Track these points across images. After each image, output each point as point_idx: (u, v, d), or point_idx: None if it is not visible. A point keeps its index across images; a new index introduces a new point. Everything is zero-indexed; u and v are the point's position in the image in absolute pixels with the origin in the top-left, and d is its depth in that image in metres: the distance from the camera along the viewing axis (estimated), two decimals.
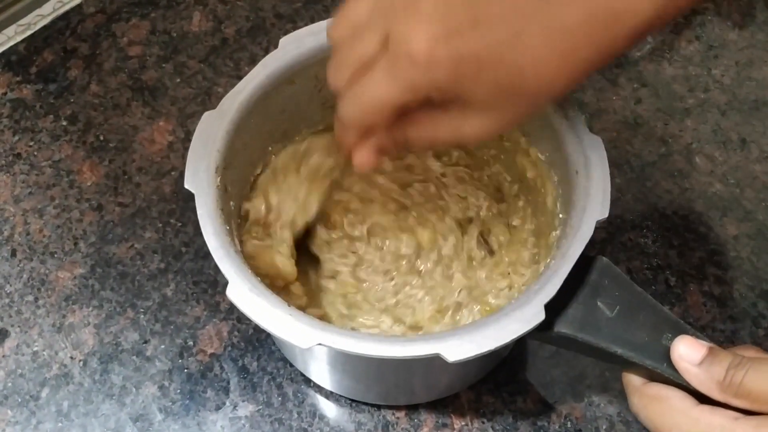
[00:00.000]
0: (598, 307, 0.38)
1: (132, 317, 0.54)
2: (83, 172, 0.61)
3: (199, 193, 0.42)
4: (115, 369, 0.53)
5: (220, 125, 0.44)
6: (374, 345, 0.37)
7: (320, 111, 0.52)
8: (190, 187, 0.42)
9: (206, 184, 0.42)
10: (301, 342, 0.37)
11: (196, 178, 0.42)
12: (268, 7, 0.69)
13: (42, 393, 0.52)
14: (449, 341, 0.37)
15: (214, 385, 0.52)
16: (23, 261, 0.57)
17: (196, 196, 0.42)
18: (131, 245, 0.57)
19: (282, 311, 0.38)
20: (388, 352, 0.36)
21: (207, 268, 0.56)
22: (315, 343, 0.37)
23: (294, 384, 0.52)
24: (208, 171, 0.43)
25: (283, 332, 0.37)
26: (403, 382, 0.48)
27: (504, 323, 0.37)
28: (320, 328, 0.37)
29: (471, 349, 0.36)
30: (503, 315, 0.37)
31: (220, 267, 0.40)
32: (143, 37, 0.67)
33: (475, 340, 0.36)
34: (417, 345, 0.37)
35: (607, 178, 0.42)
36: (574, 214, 0.41)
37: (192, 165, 0.43)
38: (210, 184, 0.42)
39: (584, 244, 0.39)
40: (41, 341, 0.54)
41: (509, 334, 0.37)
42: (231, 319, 0.54)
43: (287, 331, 0.37)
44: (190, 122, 0.63)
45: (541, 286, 0.38)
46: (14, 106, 0.64)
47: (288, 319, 0.38)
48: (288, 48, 0.47)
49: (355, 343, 0.37)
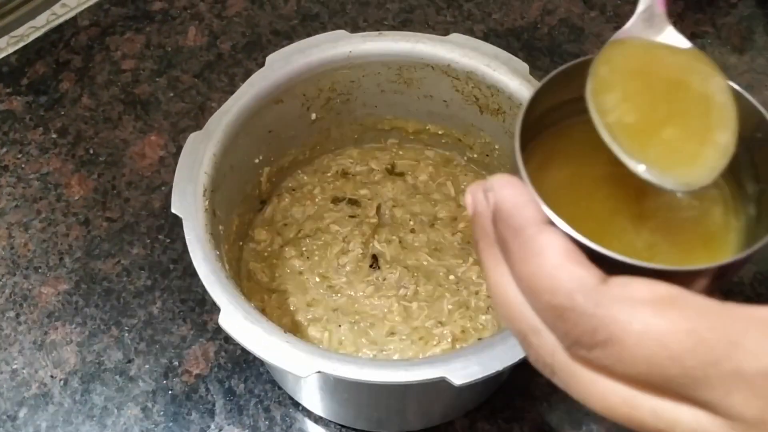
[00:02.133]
0: None
1: (116, 335, 0.53)
2: (71, 185, 0.59)
3: (187, 217, 0.41)
4: (97, 389, 0.51)
5: (207, 147, 0.43)
6: (376, 371, 0.35)
7: (309, 130, 0.51)
8: (177, 211, 0.41)
9: (194, 208, 0.41)
10: (300, 371, 0.35)
11: (184, 202, 0.41)
12: (265, 23, 0.68)
13: (20, 413, 0.50)
14: (454, 363, 0.35)
15: (199, 408, 0.50)
16: (6, 276, 0.55)
17: (183, 220, 0.41)
18: (118, 261, 0.56)
19: (278, 338, 0.36)
20: (391, 377, 0.35)
21: (195, 286, 0.54)
22: (314, 371, 0.35)
23: (282, 407, 0.50)
24: (196, 194, 0.41)
25: (280, 361, 0.36)
26: (397, 409, 0.46)
27: (510, 343, 0.36)
28: (319, 354, 0.36)
29: (477, 371, 0.35)
30: (509, 335, 0.36)
31: (211, 294, 0.38)
32: (137, 51, 0.66)
33: (481, 362, 0.35)
34: (421, 369, 0.35)
35: None
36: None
37: (179, 188, 0.42)
38: (198, 208, 0.41)
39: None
40: (21, 359, 0.52)
41: (516, 354, 0.35)
42: (218, 339, 0.52)
43: (285, 360, 0.36)
44: (182, 137, 0.61)
45: None
46: (3, 118, 0.63)
47: (285, 347, 0.36)
48: (275, 66, 0.46)
49: (356, 370, 0.35)
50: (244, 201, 0.49)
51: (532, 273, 0.24)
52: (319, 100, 0.50)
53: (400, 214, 0.52)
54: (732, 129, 0.27)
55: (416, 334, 0.47)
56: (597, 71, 0.28)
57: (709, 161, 0.27)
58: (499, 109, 0.48)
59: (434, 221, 0.51)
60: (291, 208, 0.52)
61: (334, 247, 0.50)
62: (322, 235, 0.51)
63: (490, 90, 0.47)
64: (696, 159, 0.27)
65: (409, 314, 0.48)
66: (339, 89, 0.50)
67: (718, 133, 0.27)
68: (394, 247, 0.50)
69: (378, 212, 0.52)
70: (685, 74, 0.29)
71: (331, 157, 0.54)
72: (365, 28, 0.67)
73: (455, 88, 0.49)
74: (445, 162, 0.54)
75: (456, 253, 0.50)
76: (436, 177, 0.53)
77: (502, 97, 0.47)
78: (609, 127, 0.27)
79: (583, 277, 0.24)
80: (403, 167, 0.54)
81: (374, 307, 0.48)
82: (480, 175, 0.53)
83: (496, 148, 0.51)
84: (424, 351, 0.46)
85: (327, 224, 0.51)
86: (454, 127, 0.52)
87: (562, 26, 0.67)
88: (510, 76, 0.46)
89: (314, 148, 0.53)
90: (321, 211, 0.52)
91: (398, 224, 0.51)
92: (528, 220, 0.25)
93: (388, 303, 0.48)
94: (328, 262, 0.49)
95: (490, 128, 0.50)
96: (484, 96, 0.48)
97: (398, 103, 0.52)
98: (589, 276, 0.24)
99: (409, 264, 0.49)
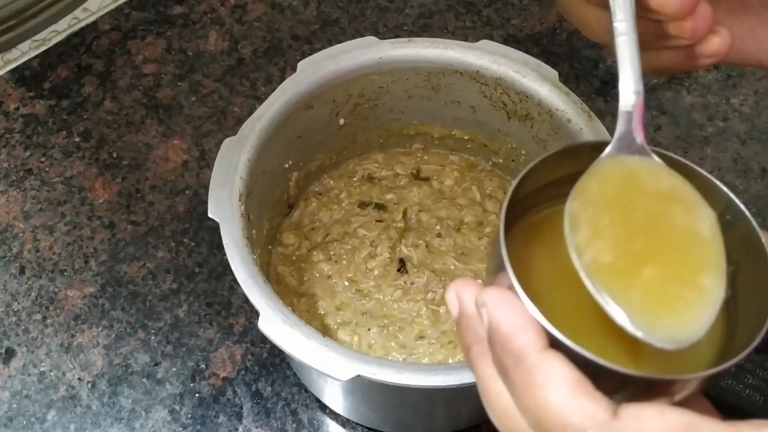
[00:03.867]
0: None
1: (143, 338, 0.53)
2: (95, 189, 0.60)
3: (224, 221, 0.41)
4: (125, 392, 0.51)
5: (242, 152, 0.43)
6: (415, 375, 0.36)
7: (336, 135, 0.51)
8: (214, 215, 0.41)
9: (231, 213, 0.41)
10: (340, 374, 0.36)
11: (220, 207, 0.41)
12: (285, 28, 0.68)
13: (48, 415, 0.50)
14: None
15: (226, 410, 0.50)
16: (32, 278, 0.55)
17: (221, 225, 0.41)
18: (143, 264, 0.56)
19: (317, 342, 0.37)
20: (429, 381, 0.35)
21: (220, 290, 0.55)
22: (354, 374, 0.35)
23: (309, 410, 0.50)
24: (232, 199, 0.42)
25: (320, 365, 0.36)
26: (425, 412, 0.47)
27: None
28: (358, 358, 0.36)
29: None
30: None
31: (250, 299, 0.39)
32: (158, 55, 0.67)
33: None
34: (458, 373, 0.36)
35: None
36: None
37: (215, 193, 0.42)
38: (234, 213, 0.41)
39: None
40: (48, 361, 0.52)
41: None
42: (245, 342, 0.53)
43: (324, 364, 0.36)
44: (205, 141, 0.62)
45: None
46: (26, 122, 0.63)
47: (324, 351, 0.36)
48: (306, 72, 0.47)
49: (395, 374, 0.36)
50: (274, 205, 0.49)
51: (539, 407, 0.23)
52: (348, 106, 0.50)
53: (426, 218, 0.52)
54: (719, 270, 0.25)
55: (445, 338, 0.47)
56: (571, 206, 0.26)
57: (696, 309, 0.25)
58: (528, 115, 0.48)
59: (460, 226, 0.52)
60: (318, 212, 0.52)
61: (361, 251, 0.50)
62: (349, 240, 0.51)
63: (519, 96, 0.48)
64: (682, 305, 0.25)
65: (437, 318, 0.48)
66: (367, 95, 0.50)
67: (703, 276, 0.25)
68: (421, 252, 0.50)
69: (404, 216, 0.52)
70: (667, 203, 0.27)
71: (357, 161, 0.55)
72: (385, 33, 0.68)
73: (483, 94, 0.49)
74: (470, 167, 0.55)
75: (482, 257, 0.50)
76: (462, 182, 0.54)
77: (531, 103, 0.47)
78: (586, 267, 0.25)
79: (594, 412, 0.23)
80: (428, 172, 0.55)
81: (402, 310, 0.48)
82: (505, 180, 0.54)
83: (523, 153, 0.51)
84: (453, 355, 0.47)
85: (354, 228, 0.51)
86: (481, 132, 0.52)
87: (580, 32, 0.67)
88: (540, 83, 0.46)
89: (341, 152, 0.53)
90: (348, 215, 0.52)
91: (424, 229, 0.52)
92: (528, 347, 0.24)
93: (416, 307, 0.48)
94: (356, 266, 0.50)
95: (517, 134, 0.50)
96: (512, 102, 0.48)
97: (425, 108, 0.52)
98: (599, 410, 0.23)
99: (436, 268, 0.50)
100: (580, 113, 0.45)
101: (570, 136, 0.46)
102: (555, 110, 0.46)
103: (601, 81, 0.65)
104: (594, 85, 0.65)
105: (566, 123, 0.46)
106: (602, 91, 0.64)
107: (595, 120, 0.45)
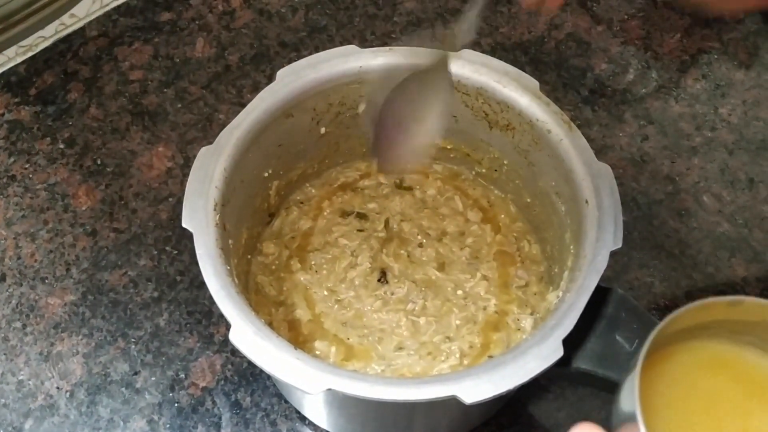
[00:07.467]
0: (617, 341, 0.37)
1: (123, 347, 0.53)
2: (79, 196, 0.59)
3: (198, 232, 0.41)
4: (103, 401, 0.51)
5: (218, 161, 0.43)
6: (386, 389, 0.35)
7: (317, 143, 0.51)
8: (188, 226, 0.41)
9: (205, 223, 0.41)
10: (310, 388, 0.35)
11: (195, 217, 0.41)
12: (272, 35, 0.68)
13: (25, 424, 0.50)
14: (465, 382, 0.35)
15: (205, 421, 0.50)
16: (12, 286, 0.55)
17: (194, 235, 0.40)
18: (125, 272, 0.56)
19: (289, 355, 0.36)
20: (401, 395, 0.35)
21: (202, 298, 0.54)
22: (324, 388, 0.35)
23: (288, 421, 0.50)
24: (207, 209, 0.41)
25: (290, 378, 0.36)
26: (404, 425, 0.46)
27: (521, 361, 0.36)
28: (329, 371, 0.36)
29: (488, 390, 0.35)
30: (520, 353, 0.36)
31: (222, 310, 0.38)
32: (145, 62, 0.66)
33: (492, 380, 0.35)
34: (431, 387, 0.35)
35: (618, 207, 0.41)
36: (587, 245, 0.40)
37: (189, 203, 0.41)
38: (209, 223, 0.41)
39: (599, 275, 0.38)
40: (27, 370, 0.52)
41: (527, 372, 0.35)
42: (225, 351, 0.52)
43: (295, 377, 0.36)
44: (190, 148, 0.61)
45: (558, 321, 0.36)
46: (11, 128, 0.63)
47: (295, 363, 0.36)
48: (285, 80, 0.46)
49: (367, 388, 0.35)
50: (253, 214, 0.49)
51: None
52: (329, 115, 0.50)
53: (408, 228, 0.52)
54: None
55: (424, 349, 0.47)
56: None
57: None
58: (509, 125, 0.48)
59: (442, 236, 0.51)
60: (299, 221, 0.52)
61: (342, 260, 0.50)
62: (330, 249, 0.51)
63: (500, 106, 0.47)
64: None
65: (417, 329, 0.48)
66: (348, 104, 0.50)
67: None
68: (403, 262, 0.50)
69: (386, 226, 0.52)
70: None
71: (339, 170, 0.54)
72: (373, 41, 0.67)
73: (465, 104, 0.49)
74: (453, 176, 0.54)
75: (464, 268, 0.50)
76: (444, 191, 0.53)
77: (512, 113, 0.47)
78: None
79: None
80: (410, 181, 0.54)
81: (382, 321, 0.48)
82: (488, 189, 0.53)
83: (505, 163, 0.51)
84: (432, 366, 0.46)
85: (335, 238, 0.51)
86: (463, 142, 0.52)
87: (569, 40, 0.67)
88: (520, 93, 0.46)
89: (323, 161, 0.53)
90: (329, 224, 0.52)
91: (406, 238, 0.51)
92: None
93: (396, 317, 0.48)
94: (336, 276, 0.49)
95: (499, 144, 0.50)
96: (493, 111, 0.48)
97: None
98: None
99: (417, 278, 0.49)
100: (560, 123, 0.45)
101: (550, 147, 0.45)
102: (535, 120, 0.46)
103: (589, 90, 0.65)
104: (582, 93, 0.64)
105: (546, 133, 0.45)
106: (590, 100, 0.64)
107: (575, 130, 0.45)
